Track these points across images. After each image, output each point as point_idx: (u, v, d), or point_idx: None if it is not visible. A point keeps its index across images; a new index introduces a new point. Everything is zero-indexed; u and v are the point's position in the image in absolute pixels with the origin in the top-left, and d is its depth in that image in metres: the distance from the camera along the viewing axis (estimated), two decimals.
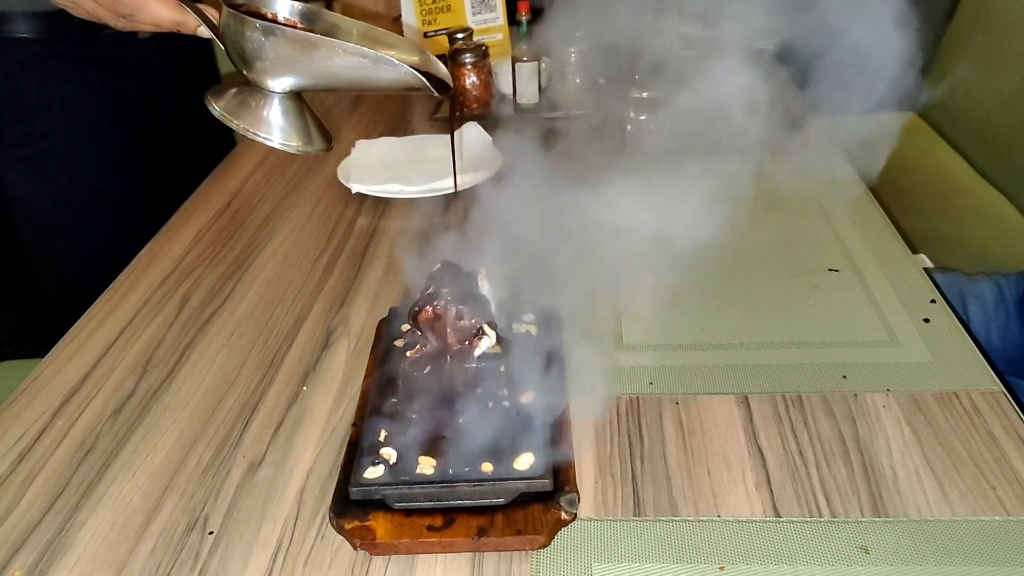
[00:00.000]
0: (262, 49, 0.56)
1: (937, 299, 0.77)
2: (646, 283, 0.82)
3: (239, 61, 0.59)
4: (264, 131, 0.60)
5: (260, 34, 0.56)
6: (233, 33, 0.57)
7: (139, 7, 0.62)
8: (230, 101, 0.60)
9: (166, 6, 0.62)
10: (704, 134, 1.14)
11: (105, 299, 0.85)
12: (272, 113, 0.60)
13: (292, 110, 0.61)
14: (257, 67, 0.58)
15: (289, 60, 0.57)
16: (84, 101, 1.16)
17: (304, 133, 0.62)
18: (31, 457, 0.65)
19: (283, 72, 0.58)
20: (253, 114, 0.60)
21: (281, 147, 0.61)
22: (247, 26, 0.56)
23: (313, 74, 0.58)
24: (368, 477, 0.57)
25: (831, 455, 0.61)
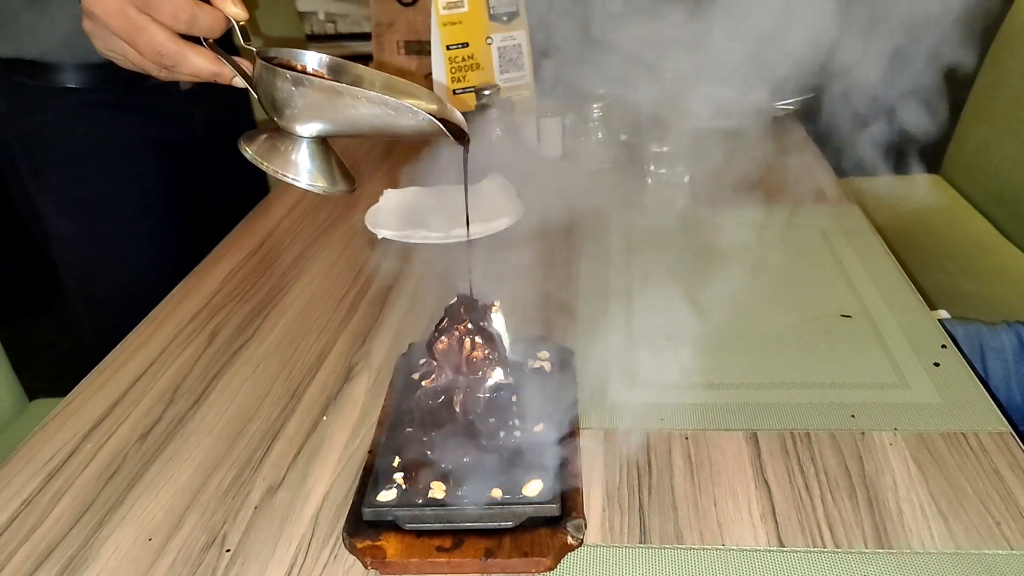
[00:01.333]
0: (291, 98, 0.60)
1: (948, 344, 0.78)
2: (660, 325, 0.84)
3: (270, 109, 0.62)
4: (292, 173, 0.64)
5: (290, 84, 0.60)
6: (265, 83, 0.61)
7: (180, 59, 0.65)
8: (261, 145, 0.64)
9: (205, 58, 0.66)
10: (722, 187, 1.17)
11: (137, 333, 0.88)
12: (300, 156, 0.64)
13: (319, 154, 0.64)
14: (286, 114, 0.62)
15: (316, 108, 0.60)
16: (126, 148, 1.21)
17: (329, 175, 0.65)
18: (60, 476, 0.67)
19: (310, 119, 0.62)
20: (282, 157, 0.63)
21: (308, 187, 0.64)
22: (278, 77, 0.59)
23: (338, 121, 0.62)
24: (381, 499, 0.59)
25: (837, 489, 0.62)
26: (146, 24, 0.64)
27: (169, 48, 0.65)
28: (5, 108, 1.18)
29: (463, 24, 1.40)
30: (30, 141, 1.18)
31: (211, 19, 0.64)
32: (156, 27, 0.64)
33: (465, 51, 1.41)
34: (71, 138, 1.18)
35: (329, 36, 2.85)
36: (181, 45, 0.65)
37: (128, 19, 0.64)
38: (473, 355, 0.64)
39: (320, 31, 2.84)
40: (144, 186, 1.25)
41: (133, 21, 0.64)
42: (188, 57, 0.65)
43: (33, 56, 1.12)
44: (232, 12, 0.64)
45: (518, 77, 1.44)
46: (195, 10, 0.63)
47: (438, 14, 1.39)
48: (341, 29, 2.84)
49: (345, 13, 2.80)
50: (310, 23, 2.82)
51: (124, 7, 0.64)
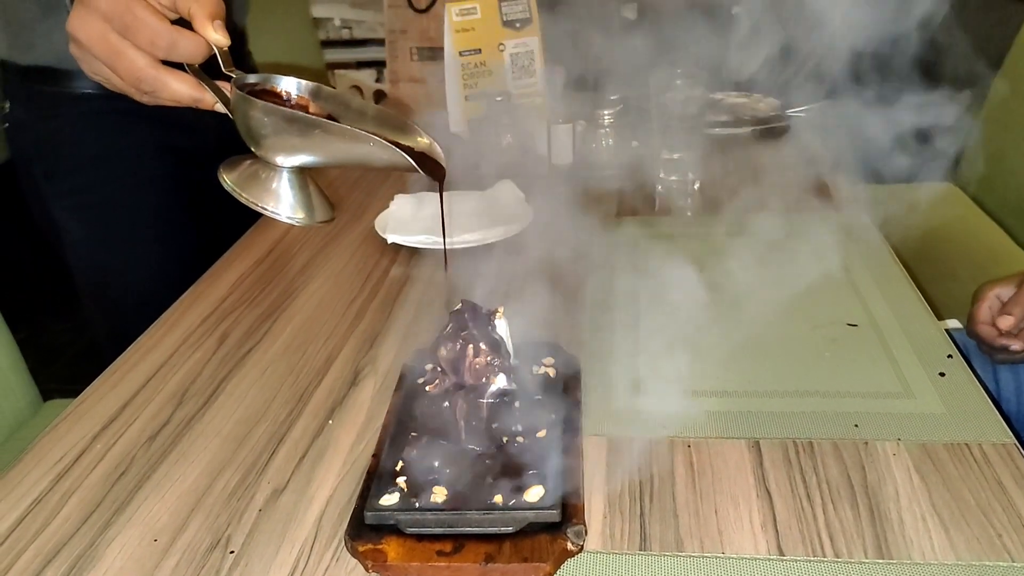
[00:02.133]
0: (265, 128, 0.60)
1: (954, 354, 0.78)
2: (666, 332, 0.85)
3: (247, 138, 0.62)
4: (271, 205, 0.63)
5: (262, 114, 0.59)
6: (241, 112, 0.60)
7: (158, 85, 0.64)
8: (240, 175, 0.64)
9: (185, 84, 0.65)
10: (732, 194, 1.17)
11: (148, 335, 0.89)
12: (279, 187, 0.63)
13: (298, 184, 0.64)
14: (263, 144, 0.61)
15: (290, 139, 0.60)
16: (138, 154, 1.22)
17: (308, 206, 0.65)
18: (69, 476, 0.68)
19: (284, 150, 0.61)
20: (261, 187, 0.63)
21: (287, 220, 0.64)
22: (252, 107, 0.59)
23: (313, 152, 0.61)
24: (383, 503, 0.59)
25: (838, 499, 0.62)
26: (125, 49, 0.63)
27: (147, 74, 0.64)
28: (22, 114, 1.20)
29: (476, 31, 1.41)
30: (45, 146, 1.20)
31: (192, 45, 0.63)
32: (135, 52, 0.63)
33: (477, 57, 1.42)
34: (84, 144, 1.19)
35: (345, 42, 2.87)
36: (160, 71, 0.64)
37: (109, 44, 0.63)
38: (476, 362, 0.65)
39: (336, 37, 2.86)
40: (156, 192, 1.26)
41: (113, 46, 0.63)
42: (167, 83, 0.64)
43: (49, 63, 1.14)
44: (212, 38, 0.63)
45: (530, 83, 1.45)
46: (174, 36, 0.63)
47: (451, 21, 1.39)
48: (357, 35, 2.86)
49: (361, 19, 2.81)
50: (325, 29, 2.84)
51: (105, 32, 0.63)
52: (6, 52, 1.15)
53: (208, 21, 0.63)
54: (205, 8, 0.63)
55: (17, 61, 1.15)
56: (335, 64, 2.85)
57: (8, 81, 1.19)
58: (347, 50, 2.87)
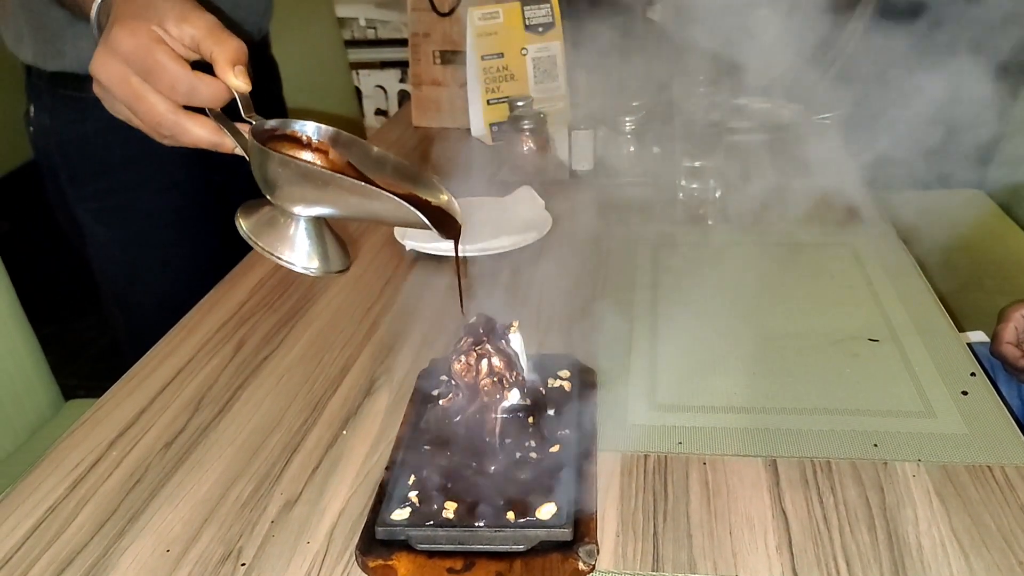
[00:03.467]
0: (279, 179, 0.60)
1: (978, 372, 0.76)
2: (684, 344, 0.84)
3: (262, 185, 0.62)
4: (286, 254, 0.63)
5: (278, 166, 0.59)
6: (257, 161, 0.61)
7: (177, 130, 0.65)
8: (256, 222, 0.63)
9: (205, 129, 0.65)
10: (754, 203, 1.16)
11: (166, 341, 0.90)
12: (295, 235, 0.63)
13: (314, 233, 0.64)
14: (277, 194, 0.61)
15: (304, 191, 0.60)
16: (162, 158, 1.22)
17: (323, 256, 0.64)
18: (85, 483, 0.69)
19: (300, 201, 0.61)
20: (276, 235, 0.63)
21: (302, 271, 0.64)
22: (267, 158, 0.59)
23: (325, 203, 0.61)
24: (394, 518, 0.59)
25: (856, 522, 0.61)
26: (146, 94, 0.63)
27: (167, 119, 0.64)
28: (47, 119, 1.21)
29: (498, 35, 1.41)
30: (69, 150, 1.21)
31: (212, 90, 0.63)
32: (156, 97, 0.63)
33: (500, 61, 1.41)
34: (108, 148, 1.20)
35: (369, 42, 2.88)
36: (180, 116, 0.64)
37: (130, 88, 0.63)
38: (490, 377, 0.64)
39: (360, 37, 2.87)
40: (178, 196, 1.27)
41: (135, 90, 0.63)
42: (186, 128, 0.64)
43: (76, 69, 1.15)
44: (233, 83, 0.63)
45: (552, 88, 1.44)
46: (194, 81, 0.63)
47: (474, 25, 1.39)
48: (382, 35, 2.86)
49: (386, 19, 2.82)
50: (350, 29, 2.85)
51: (126, 76, 0.63)
52: (32, 59, 1.16)
53: (229, 66, 0.63)
54: (226, 53, 0.63)
55: (43, 67, 1.16)
56: (359, 64, 2.86)
57: (34, 86, 1.21)
58: (372, 50, 2.87)
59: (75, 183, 1.22)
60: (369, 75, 2.92)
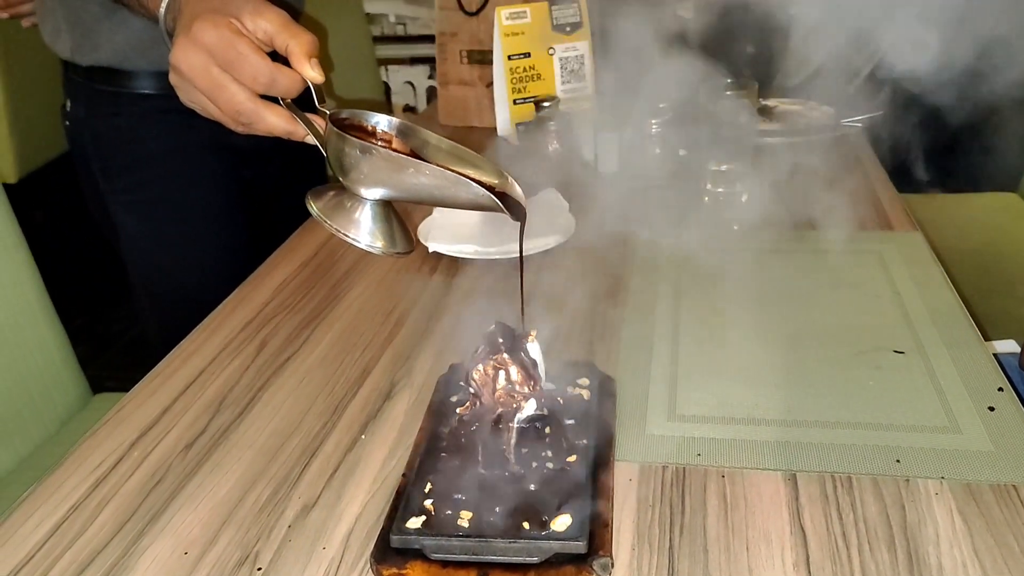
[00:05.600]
0: (356, 164, 0.62)
1: (1005, 387, 0.75)
2: (706, 353, 0.83)
3: (337, 170, 0.65)
4: (353, 233, 0.66)
5: (356, 151, 0.62)
6: (334, 147, 0.63)
7: (256, 119, 0.68)
8: (327, 203, 0.66)
9: (280, 118, 0.68)
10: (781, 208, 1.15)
11: (190, 340, 0.91)
12: (362, 217, 0.66)
13: (381, 216, 0.66)
14: (352, 177, 0.64)
15: (379, 175, 0.63)
16: (195, 153, 1.25)
17: (389, 237, 0.67)
18: (106, 484, 0.70)
19: (374, 184, 0.64)
20: (346, 217, 0.66)
21: (368, 248, 0.66)
22: (346, 143, 0.62)
23: (400, 188, 0.64)
24: (409, 526, 0.59)
25: (876, 540, 0.60)
26: (227, 83, 0.67)
27: (247, 108, 0.67)
28: (82, 112, 1.22)
29: (526, 35, 1.40)
30: (103, 143, 1.23)
31: (289, 81, 0.67)
32: (236, 87, 0.67)
33: (527, 61, 1.41)
34: (142, 142, 1.22)
35: (399, 38, 2.88)
36: (258, 105, 0.68)
37: (211, 77, 0.67)
38: (507, 387, 0.64)
39: (390, 33, 2.87)
40: (210, 190, 1.28)
41: (215, 80, 0.67)
42: (264, 116, 0.68)
43: (111, 63, 1.16)
44: (309, 75, 0.67)
45: (579, 88, 1.44)
46: (274, 72, 0.66)
47: (501, 24, 1.39)
48: (411, 32, 2.87)
49: (415, 16, 2.82)
50: (380, 25, 2.85)
51: (208, 66, 0.66)
52: (69, 53, 1.18)
53: (305, 59, 0.67)
54: (303, 46, 0.67)
55: (80, 62, 1.18)
56: (389, 60, 2.86)
57: (70, 80, 1.22)
58: (401, 46, 2.88)
59: (108, 176, 1.24)
60: (398, 71, 2.93)
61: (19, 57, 2.10)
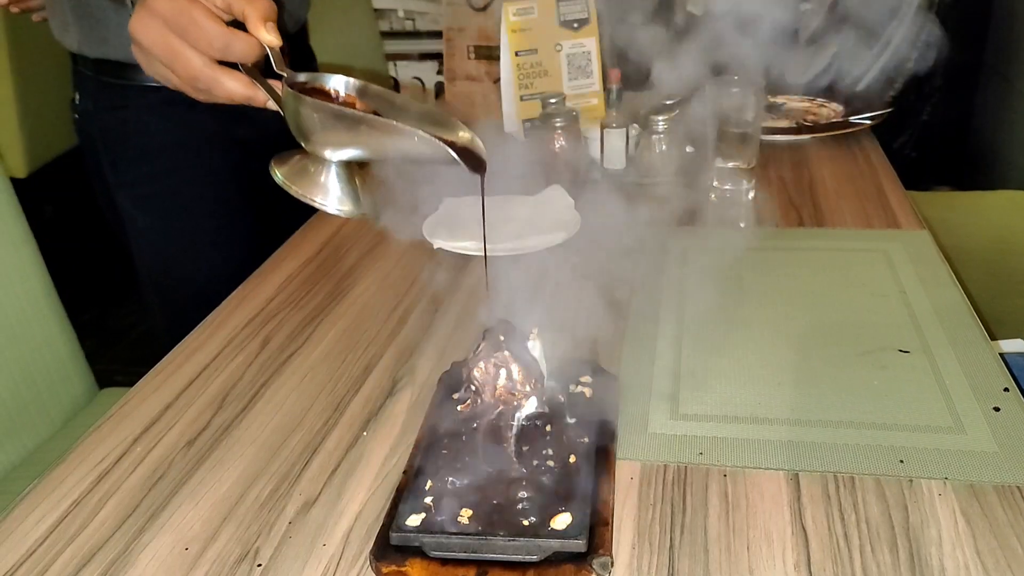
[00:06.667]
0: (314, 124, 0.62)
1: (1011, 387, 0.74)
2: (710, 351, 0.83)
3: (297, 133, 0.65)
4: (320, 196, 0.66)
5: (311, 111, 0.62)
6: (292, 109, 0.63)
7: (213, 84, 0.68)
8: (291, 168, 0.66)
9: (238, 83, 0.68)
10: (788, 206, 1.14)
11: (194, 336, 0.91)
12: (327, 180, 0.66)
13: (345, 177, 0.66)
14: (312, 139, 0.64)
15: (337, 134, 0.63)
16: (202, 145, 1.25)
17: (355, 199, 0.67)
18: (108, 479, 0.70)
19: (333, 144, 0.64)
20: (310, 181, 0.66)
21: (336, 212, 0.66)
22: (301, 104, 0.62)
23: (360, 146, 0.64)
24: (409, 524, 0.59)
25: (878, 541, 0.59)
26: (183, 50, 0.67)
27: (204, 74, 0.68)
28: (90, 105, 1.23)
29: (532, 30, 1.39)
30: (111, 136, 1.23)
31: (245, 45, 0.67)
32: (192, 52, 0.67)
33: (534, 57, 1.40)
34: (149, 135, 1.22)
35: (408, 33, 2.88)
36: (215, 71, 0.68)
37: (167, 45, 0.67)
38: (508, 385, 0.64)
39: (399, 28, 2.87)
40: (217, 183, 1.28)
41: (172, 47, 0.67)
42: (221, 82, 0.68)
43: (119, 57, 1.17)
44: (265, 39, 0.66)
45: (586, 85, 1.43)
46: (229, 37, 0.66)
47: (508, 20, 1.38)
48: (420, 27, 2.86)
49: (424, 11, 2.82)
50: (389, 20, 2.85)
51: (164, 34, 0.67)
52: (77, 46, 1.18)
53: (260, 23, 0.67)
54: (258, 10, 0.67)
55: (88, 54, 1.18)
56: (397, 55, 2.86)
57: (79, 74, 1.23)
58: (410, 41, 2.88)
59: (115, 169, 1.24)
60: (407, 66, 2.92)
61: (29, 52, 2.11)
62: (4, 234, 1.13)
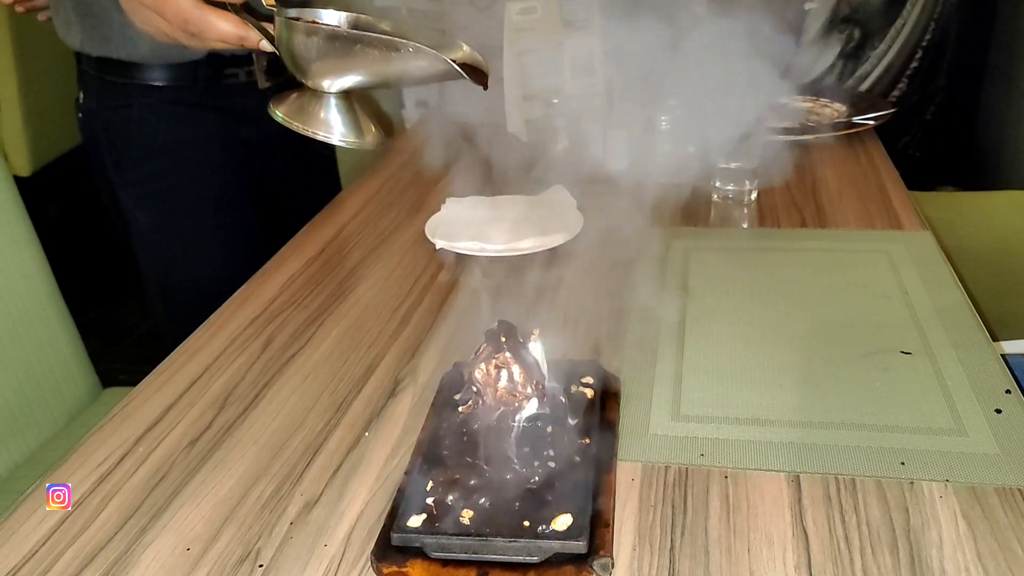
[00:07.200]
0: (309, 50, 0.61)
1: (1013, 389, 0.74)
2: (712, 352, 0.83)
3: (293, 67, 0.64)
4: (322, 130, 0.65)
5: (304, 35, 0.61)
6: (285, 39, 0.62)
7: (204, 25, 0.67)
8: (291, 105, 0.66)
9: (230, 23, 0.68)
10: (790, 208, 1.14)
11: (197, 336, 0.91)
12: (328, 113, 0.65)
13: (346, 108, 0.66)
14: (309, 70, 0.63)
15: (334, 58, 0.61)
16: (204, 144, 1.25)
17: (358, 129, 0.66)
18: (111, 479, 0.70)
19: (331, 71, 0.62)
20: (311, 115, 0.65)
21: (340, 142, 0.66)
22: (295, 31, 0.61)
23: (358, 69, 0.62)
24: (410, 525, 0.59)
25: (878, 543, 0.59)
26: None
27: (193, 15, 0.67)
28: (94, 104, 1.23)
29: (535, 30, 1.39)
30: (115, 135, 1.23)
31: None
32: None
33: (536, 57, 1.40)
34: (152, 134, 1.22)
35: None
36: (205, 11, 0.67)
37: None
38: (509, 386, 0.64)
39: None
40: (219, 182, 1.29)
41: None
42: (212, 22, 0.67)
43: (122, 56, 1.17)
44: None
45: (589, 84, 1.43)
46: None
47: (511, 19, 1.38)
48: None
49: (427, 10, 2.81)
50: None
51: None
52: (80, 45, 1.19)
53: None
54: None
55: (91, 53, 1.19)
56: None
57: (82, 73, 1.23)
58: None
59: (119, 168, 1.24)
60: None
61: (34, 51, 2.12)
62: (8, 233, 1.14)
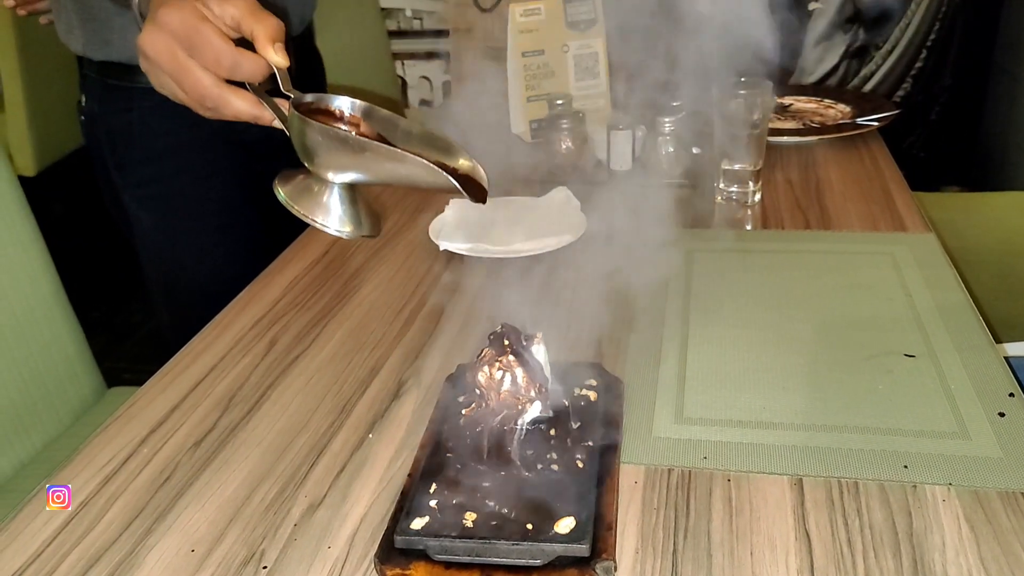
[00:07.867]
0: (319, 148, 0.63)
1: (1016, 393, 0.74)
2: (715, 355, 0.83)
3: (302, 154, 0.66)
4: (321, 217, 0.67)
5: (318, 135, 0.63)
6: (297, 131, 0.64)
7: (221, 103, 0.68)
8: (295, 188, 0.68)
9: (246, 102, 0.69)
10: (794, 209, 1.14)
11: (201, 337, 0.91)
12: (329, 201, 0.67)
13: (347, 199, 0.67)
14: (316, 161, 0.65)
15: (341, 158, 0.64)
16: (206, 147, 1.25)
17: (356, 220, 0.68)
18: (115, 480, 0.70)
19: (337, 168, 0.65)
20: (312, 200, 0.67)
21: (336, 233, 0.67)
22: (308, 127, 0.63)
23: (363, 171, 0.65)
24: (413, 527, 0.60)
25: (881, 547, 0.60)
26: (192, 68, 0.67)
27: (212, 92, 0.67)
28: (96, 107, 1.23)
29: (539, 32, 1.40)
30: (117, 138, 1.24)
31: (253, 65, 0.67)
32: (201, 71, 0.67)
33: (540, 59, 1.40)
34: (154, 136, 1.23)
35: (415, 32, 2.88)
36: (224, 89, 0.68)
37: (176, 61, 0.67)
38: (512, 389, 0.64)
39: (407, 27, 2.87)
40: (222, 184, 1.29)
41: (181, 63, 0.67)
42: (229, 101, 0.68)
43: (123, 59, 1.17)
44: (273, 60, 0.66)
45: (593, 86, 1.43)
46: (237, 57, 0.66)
47: (515, 21, 1.38)
48: (428, 26, 2.87)
49: (432, 10, 2.82)
50: (396, 19, 2.86)
51: (173, 50, 0.67)
52: (82, 48, 1.19)
53: (269, 43, 0.67)
54: (267, 30, 0.67)
55: (93, 56, 1.19)
56: (405, 54, 2.87)
57: (84, 76, 1.24)
58: (417, 40, 2.88)
59: (121, 170, 1.25)
60: (414, 65, 2.93)
61: (37, 52, 2.12)
62: (13, 232, 1.14)
